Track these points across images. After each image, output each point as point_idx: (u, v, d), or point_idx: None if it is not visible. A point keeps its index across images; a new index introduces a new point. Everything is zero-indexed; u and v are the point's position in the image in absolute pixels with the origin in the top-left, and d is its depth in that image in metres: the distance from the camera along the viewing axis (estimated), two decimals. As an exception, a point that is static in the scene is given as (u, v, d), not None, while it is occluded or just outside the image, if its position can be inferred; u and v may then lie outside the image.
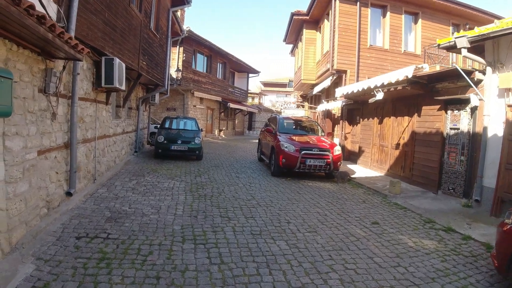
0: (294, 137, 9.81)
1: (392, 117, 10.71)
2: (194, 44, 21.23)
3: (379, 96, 8.74)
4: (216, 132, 26.70)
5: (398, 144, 10.24)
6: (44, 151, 4.60)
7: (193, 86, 21.38)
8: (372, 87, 9.30)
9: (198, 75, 22.11)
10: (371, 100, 10.31)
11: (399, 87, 8.79)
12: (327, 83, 15.06)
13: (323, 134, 10.78)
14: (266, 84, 51.36)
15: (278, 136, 9.87)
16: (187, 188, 7.30)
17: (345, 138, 14.07)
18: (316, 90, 17.31)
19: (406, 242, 5.05)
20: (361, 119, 12.69)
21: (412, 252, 4.66)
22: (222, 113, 27.82)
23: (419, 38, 15.91)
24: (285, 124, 10.87)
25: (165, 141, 10.92)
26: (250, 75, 32.19)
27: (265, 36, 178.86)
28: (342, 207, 6.77)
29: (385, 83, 8.73)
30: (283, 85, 51.53)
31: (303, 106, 26.98)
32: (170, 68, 15.48)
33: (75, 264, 3.55)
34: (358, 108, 12.99)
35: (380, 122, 11.37)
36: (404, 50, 15.54)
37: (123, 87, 6.95)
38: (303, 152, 8.90)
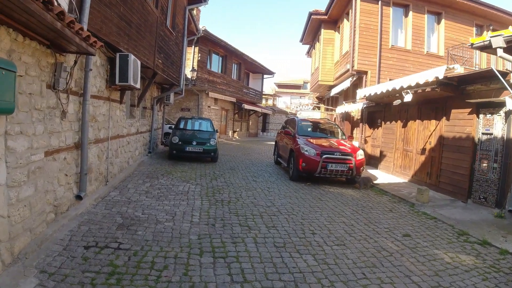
0: (314, 140, 9.34)
1: (417, 120, 10.15)
2: (209, 44, 20.95)
3: (408, 98, 8.21)
4: (230, 133, 26.38)
5: (424, 149, 9.68)
6: (53, 151, 4.27)
7: (208, 87, 21.10)
8: (397, 88, 8.77)
9: (213, 75, 21.83)
10: (395, 102, 9.78)
11: (428, 89, 8.26)
12: (346, 84, 14.55)
13: (344, 137, 10.28)
14: (280, 86, 50.88)
15: (297, 139, 9.43)
16: (203, 193, 6.91)
17: (365, 141, 13.52)
18: (334, 91, 16.81)
19: (442, 258, 4.57)
20: (382, 122, 12.13)
21: (450, 269, 4.18)
22: (236, 114, 27.49)
23: (442, 38, 15.29)
24: (304, 126, 10.42)
25: (180, 142, 10.60)
26: (265, 76, 31.80)
27: (279, 37, 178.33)
28: (369, 217, 6.28)
29: (412, 85, 8.19)
30: (297, 87, 51.00)
31: (319, 108, 26.45)
32: (185, 67, 15.21)
33: (82, 279, 3.18)
34: (379, 111, 12.44)
35: (404, 126, 10.81)
36: (427, 51, 14.93)
37: (138, 86, 6.62)
38: (325, 156, 8.43)
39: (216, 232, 4.69)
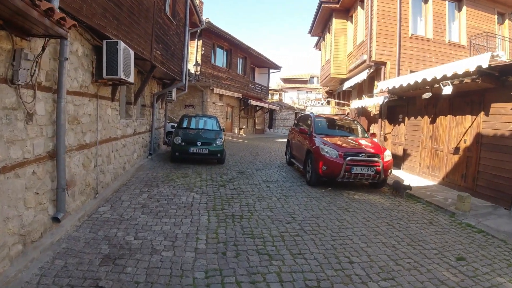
0: (334, 140, 8.26)
1: (448, 115, 9.02)
2: (213, 37, 19.86)
3: (447, 90, 7.08)
4: (236, 130, 25.34)
5: (457, 148, 8.56)
6: (14, 166, 3.25)
7: (213, 82, 20.04)
8: (429, 79, 7.64)
9: (218, 70, 20.75)
10: (425, 95, 8.67)
11: (467, 80, 7.15)
12: (362, 76, 13.41)
13: (366, 135, 9.18)
14: (286, 81, 49.65)
15: (314, 138, 8.35)
16: (210, 205, 5.87)
17: (385, 139, 12.40)
18: (347, 85, 15.67)
19: (512, 290, 3.56)
20: (406, 118, 11.01)
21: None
22: (242, 111, 26.43)
23: (464, 27, 14.13)
24: (321, 123, 9.33)
25: (183, 143, 9.56)
26: (271, 70, 30.67)
27: (281, 32, 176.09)
28: (409, 233, 5.22)
29: (449, 75, 7.05)
30: (303, 81, 49.75)
31: (328, 103, 25.30)
32: (188, 61, 14.16)
33: None
34: (402, 105, 11.31)
35: (433, 122, 9.68)
36: (449, 40, 13.76)
37: (131, 79, 5.57)
38: (349, 158, 7.35)
39: (229, 265, 3.64)
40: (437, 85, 8.44)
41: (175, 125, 12.68)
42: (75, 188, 4.74)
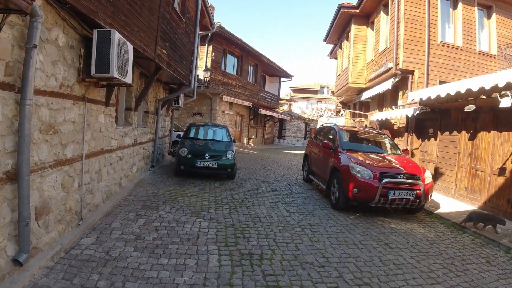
0: (364, 157, 7.13)
1: (492, 131, 7.85)
2: (224, 42, 18.94)
3: (506, 102, 5.92)
4: (245, 140, 24.27)
5: (503, 169, 7.39)
6: None
7: (222, 90, 19.05)
8: (475, 89, 6.48)
9: (228, 77, 19.78)
10: (468, 108, 7.54)
11: (527, 90, 6.02)
12: (385, 86, 12.30)
13: (398, 152, 8.03)
14: (295, 90, 48.67)
15: (340, 154, 7.23)
16: (221, 237, 4.74)
17: (412, 155, 11.22)
18: (367, 95, 14.56)
19: None
20: (438, 132, 9.84)
21: None
22: (252, 120, 25.39)
23: (494, 35, 13.05)
24: (347, 137, 8.22)
25: (189, 155, 8.47)
26: (282, 79, 29.67)
27: (293, 40, 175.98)
28: (470, 279, 4.10)
29: (501, 85, 5.91)
30: (314, 92, 48.76)
31: (341, 114, 24.17)
32: (197, 66, 13.20)
33: None
34: (433, 118, 10.16)
35: (472, 138, 8.51)
36: (479, 50, 12.66)
37: (128, 79, 4.52)
38: (385, 180, 6.20)
39: None
40: (484, 97, 7.33)
41: (181, 134, 11.62)
42: (49, 216, 3.66)
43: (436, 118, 10.08)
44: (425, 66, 11.46)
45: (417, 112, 9.68)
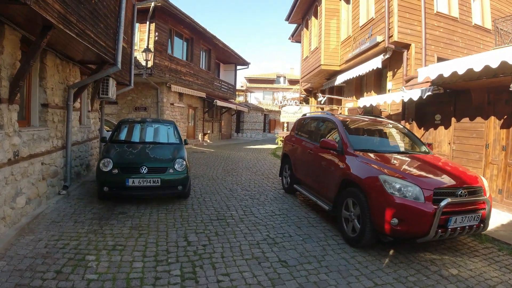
0: (392, 161, 4.63)
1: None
2: (170, 21, 15.73)
3: None
4: (200, 136, 21.25)
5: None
6: None
7: (170, 78, 15.86)
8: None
9: (176, 63, 16.60)
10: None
11: None
12: (372, 65, 10.00)
13: (425, 149, 5.60)
14: (251, 81, 46.07)
15: (353, 159, 4.68)
16: None
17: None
18: (343, 78, 12.27)
19: None
20: (453, 119, 7.68)
21: None
22: (207, 113, 22.39)
23: (488, 8, 11.34)
24: (356, 132, 5.69)
25: (116, 170, 5.44)
26: (239, 67, 26.86)
27: (242, 24, 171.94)
28: None
29: None
30: (270, 81, 46.51)
31: (307, 102, 21.93)
32: (134, 43, 10.07)
33: None
34: (441, 102, 7.99)
35: (508, 125, 6.40)
36: (475, 23, 10.89)
37: None
38: (445, 201, 3.71)
39: None
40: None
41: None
42: None
43: (446, 102, 7.91)
44: (422, 39, 9.30)
45: (428, 93, 7.40)
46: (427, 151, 5.50)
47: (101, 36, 5.74)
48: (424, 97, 7.45)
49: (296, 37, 20.35)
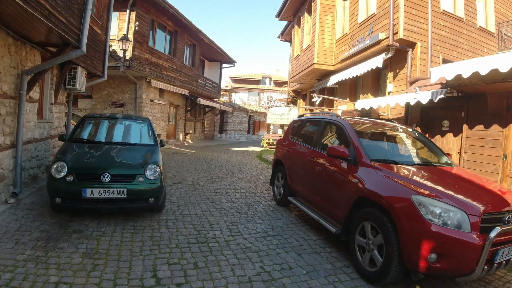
0: (420, 176, 3.74)
1: None
2: (153, 10, 14.56)
3: None
4: (181, 136, 20.09)
5: None
6: None
7: (150, 72, 14.68)
8: None
9: (158, 56, 15.43)
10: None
11: None
12: (371, 64, 9.19)
13: (447, 160, 4.74)
14: (236, 80, 45.04)
15: (371, 172, 3.76)
16: None
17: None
18: (338, 78, 11.43)
19: None
20: (465, 126, 6.91)
21: None
22: (189, 112, 21.24)
23: (492, 11, 10.80)
24: (368, 137, 4.78)
25: (71, 177, 4.35)
26: (224, 65, 25.82)
27: (229, 25, 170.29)
28: None
29: None
30: (255, 82, 45.64)
31: (294, 103, 21.09)
32: (109, 29, 8.95)
33: None
34: (450, 107, 7.23)
35: (531, 135, 5.65)
36: (479, 26, 10.31)
37: None
38: (496, 231, 2.83)
39: None
40: None
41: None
42: None
43: (456, 107, 7.15)
44: (428, 38, 8.55)
45: (440, 96, 6.60)
46: (449, 162, 4.64)
47: (60, 9, 4.63)
48: (435, 101, 6.65)
49: (286, 35, 19.51)
